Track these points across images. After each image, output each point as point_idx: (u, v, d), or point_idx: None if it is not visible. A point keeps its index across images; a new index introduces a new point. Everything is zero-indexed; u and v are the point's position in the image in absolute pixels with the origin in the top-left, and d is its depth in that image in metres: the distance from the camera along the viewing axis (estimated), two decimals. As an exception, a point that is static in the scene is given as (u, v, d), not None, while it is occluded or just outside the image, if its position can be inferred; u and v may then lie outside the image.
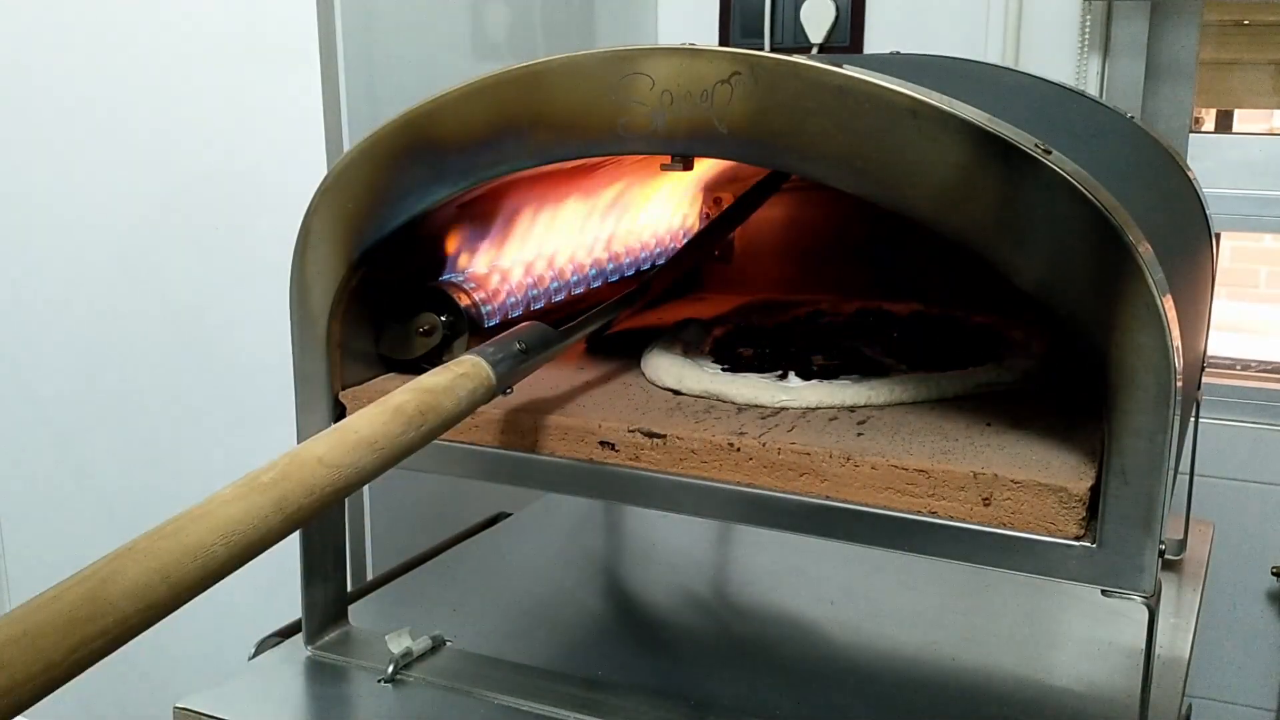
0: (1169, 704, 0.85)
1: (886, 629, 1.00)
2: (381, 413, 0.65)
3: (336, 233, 0.83)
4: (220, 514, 0.53)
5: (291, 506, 0.56)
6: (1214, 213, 1.10)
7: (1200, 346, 0.98)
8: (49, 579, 0.46)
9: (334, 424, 0.85)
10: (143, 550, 0.50)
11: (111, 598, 0.47)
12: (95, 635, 0.46)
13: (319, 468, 0.59)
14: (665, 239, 1.12)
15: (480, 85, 0.76)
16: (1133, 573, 0.64)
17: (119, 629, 0.47)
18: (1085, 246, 0.63)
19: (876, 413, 0.80)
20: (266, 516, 0.55)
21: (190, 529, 0.52)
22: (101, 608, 0.46)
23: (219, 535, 0.52)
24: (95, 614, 0.46)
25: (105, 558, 0.49)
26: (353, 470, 0.61)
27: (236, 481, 0.56)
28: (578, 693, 0.86)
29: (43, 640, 0.44)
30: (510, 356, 0.75)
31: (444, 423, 0.68)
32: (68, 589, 0.47)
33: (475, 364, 0.72)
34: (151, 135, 1.27)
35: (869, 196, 0.68)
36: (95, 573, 0.48)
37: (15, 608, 0.45)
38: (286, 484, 0.57)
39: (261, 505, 0.55)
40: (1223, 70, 1.79)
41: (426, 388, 0.68)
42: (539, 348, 0.78)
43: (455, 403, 0.69)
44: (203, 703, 0.84)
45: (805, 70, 0.67)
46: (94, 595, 0.47)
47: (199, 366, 1.31)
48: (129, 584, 0.48)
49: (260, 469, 0.57)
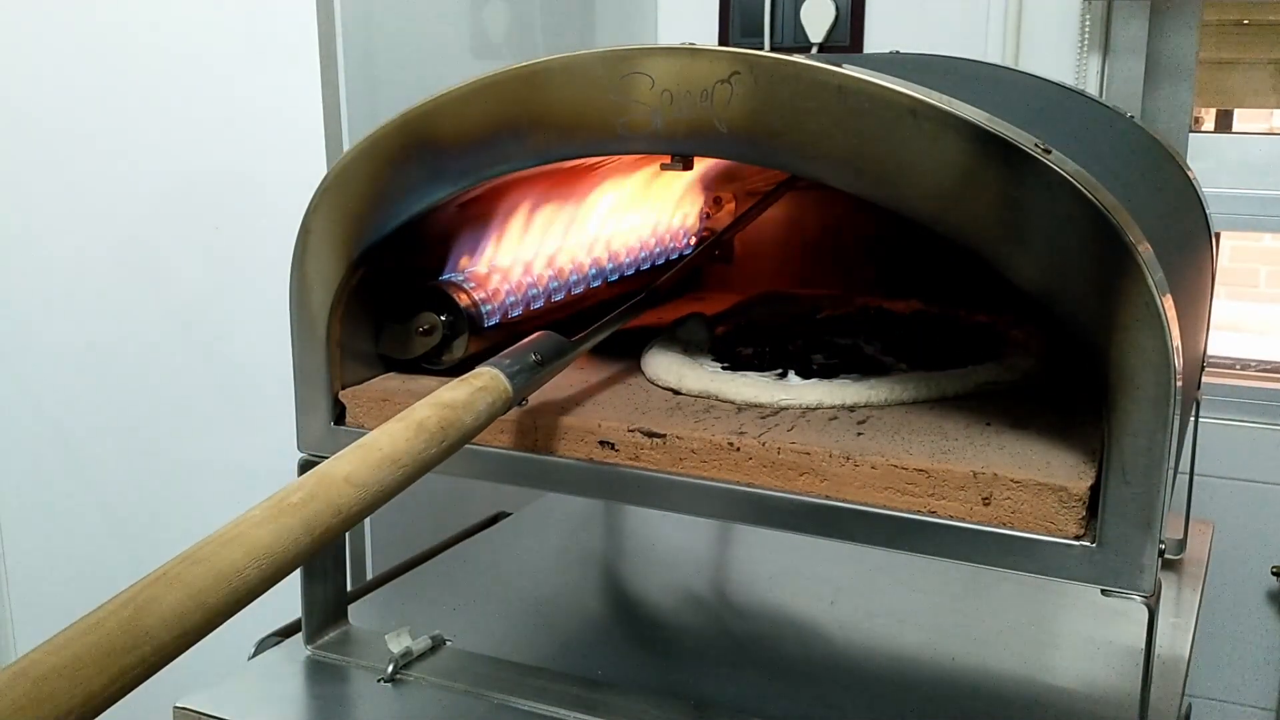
0: (1169, 704, 0.85)
1: (886, 629, 1.00)
2: (404, 429, 0.64)
3: (336, 232, 0.83)
4: (251, 537, 0.53)
5: (320, 527, 0.56)
6: (1214, 212, 1.10)
7: (1200, 346, 0.98)
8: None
9: (336, 426, 0.86)
10: (176, 577, 0.49)
11: (148, 626, 0.47)
12: (134, 665, 0.46)
13: (346, 487, 0.58)
14: (665, 238, 1.12)
15: (480, 85, 0.76)
16: (1132, 572, 0.64)
17: (156, 657, 0.47)
18: (1085, 246, 0.63)
19: (876, 412, 0.80)
20: (298, 539, 0.54)
21: (223, 554, 0.51)
22: (139, 637, 0.46)
23: (251, 559, 0.52)
24: (133, 644, 0.46)
25: (139, 584, 0.49)
26: (378, 489, 0.60)
27: (264, 502, 0.55)
28: (578, 693, 0.86)
29: (83, 671, 0.44)
30: (526, 369, 0.74)
31: (463, 437, 0.68)
32: (104, 618, 0.46)
33: (493, 377, 0.72)
34: (152, 135, 1.27)
35: (869, 196, 0.68)
36: (130, 600, 0.48)
37: (52, 637, 0.45)
38: (315, 504, 0.56)
39: (292, 527, 0.54)
40: (1222, 70, 1.79)
41: (447, 403, 0.67)
42: (553, 357, 0.77)
43: (475, 417, 0.69)
44: (202, 702, 0.84)
45: (805, 70, 0.67)
46: (131, 625, 0.46)
47: (199, 366, 1.31)
48: (165, 612, 0.48)
49: (288, 489, 0.57)
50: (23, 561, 1.46)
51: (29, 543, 1.45)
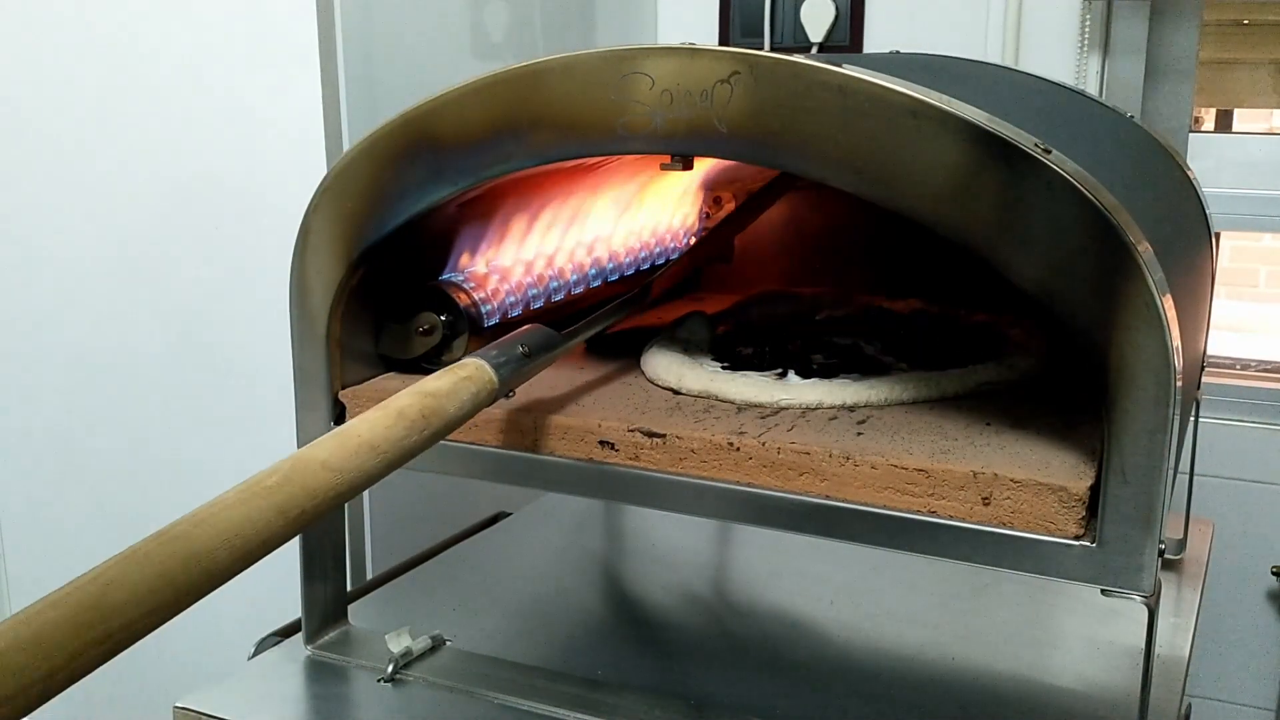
0: (1169, 704, 0.85)
1: (886, 629, 1.00)
2: (384, 416, 0.64)
3: (336, 232, 0.83)
4: (223, 518, 0.53)
5: (294, 510, 0.56)
6: (1214, 212, 1.10)
7: (1200, 346, 0.98)
8: (49, 579, 0.46)
9: (335, 426, 0.86)
10: (145, 554, 0.50)
11: (116, 603, 0.47)
12: (100, 639, 0.46)
13: (322, 471, 0.59)
14: (665, 238, 1.12)
15: (480, 85, 0.76)
16: (1132, 572, 0.64)
17: (123, 633, 0.47)
18: (1085, 246, 0.63)
19: (876, 412, 0.80)
20: (270, 521, 0.54)
21: (194, 534, 0.51)
22: (105, 613, 0.46)
23: (222, 540, 0.52)
24: (98, 619, 0.46)
25: (109, 561, 0.49)
26: (356, 474, 0.61)
27: (240, 485, 0.56)
28: (578, 693, 0.86)
29: (46, 645, 0.44)
30: (513, 359, 0.74)
31: (447, 426, 0.68)
32: (70, 593, 0.47)
33: (478, 367, 0.72)
34: (152, 135, 1.27)
35: (869, 196, 0.68)
36: (99, 576, 0.48)
37: (19, 611, 0.45)
38: (290, 488, 0.56)
39: (264, 509, 0.55)
40: (1222, 70, 1.79)
41: (429, 391, 0.68)
42: (541, 350, 0.77)
43: (458, 406, 0.69)
44: (202, 702, 0.84)
45: (805, 70, 0.67)
46: (98, 601, 0.47)
47: (199, 366, 1.31)
48: (132, 588, 0.48)
49: (264, 473, 0.57)
50: (23, 561, 1.46)
51: (29, 543, 1.45)
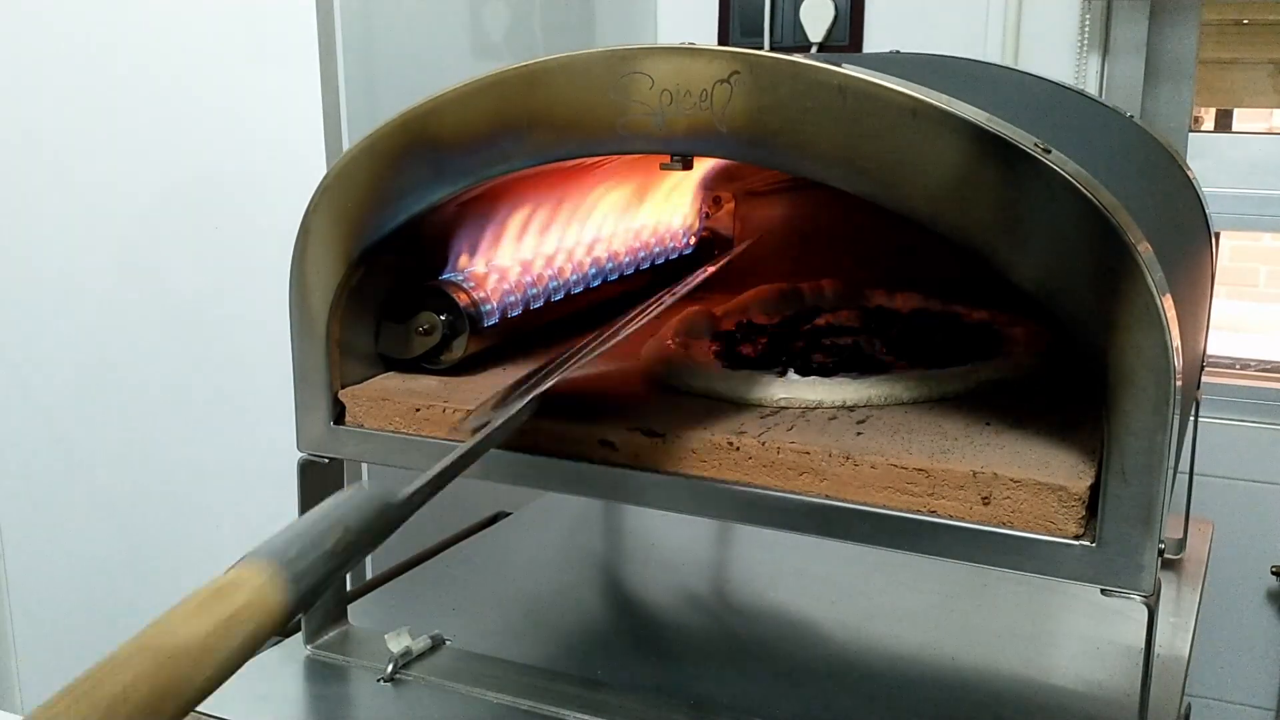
0: (1168, 704, 0.85)
1: (886, 629, 1.00)
2: None
3: (336, 232, 0.83)
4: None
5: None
6: (1214, 212, 1.10)
7: (1200, 346, 0.98)
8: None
9: (336, 426, 0.86)
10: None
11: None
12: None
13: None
14: (665, 238, 1.12)
15: (480, 85, 0.76)
16: (1132, 572, 0.64)
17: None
18: (1085, 246, 0.63)
19: (876, 411, 0.80)
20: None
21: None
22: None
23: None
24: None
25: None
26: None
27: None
28: (578, 693, 0.86)
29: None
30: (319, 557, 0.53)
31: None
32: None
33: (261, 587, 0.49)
34: (151, 135, 1.27)
35: (869, 196, 0.68)
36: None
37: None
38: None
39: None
40: (1222, 70, 1.79)
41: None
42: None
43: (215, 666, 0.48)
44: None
45: (805, 70, 0.67)
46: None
47: (199, 366, 1.31)
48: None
49: None
50: (23, 561, 1.46)
51: (29, 543, 1.45)
